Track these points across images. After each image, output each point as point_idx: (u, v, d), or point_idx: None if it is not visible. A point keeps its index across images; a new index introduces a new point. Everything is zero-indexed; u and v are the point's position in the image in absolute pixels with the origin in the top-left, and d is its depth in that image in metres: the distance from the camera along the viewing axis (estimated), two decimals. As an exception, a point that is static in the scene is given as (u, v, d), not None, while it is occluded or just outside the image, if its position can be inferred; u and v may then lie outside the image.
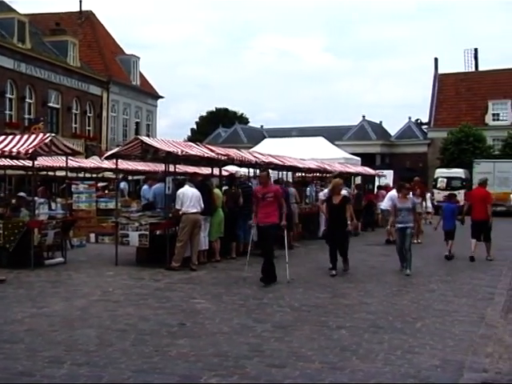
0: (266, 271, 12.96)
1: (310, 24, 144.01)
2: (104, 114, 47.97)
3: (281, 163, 21.67)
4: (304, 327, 9.12)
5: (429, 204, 33.17)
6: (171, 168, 16.68)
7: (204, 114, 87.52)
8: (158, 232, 15.44)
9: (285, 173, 24.50)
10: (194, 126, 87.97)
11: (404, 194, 15.35)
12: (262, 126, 71.46)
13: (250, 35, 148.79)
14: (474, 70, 62.47)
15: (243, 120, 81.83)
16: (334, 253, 14.51)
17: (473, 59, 63.07)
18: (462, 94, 57.77)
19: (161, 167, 20.52)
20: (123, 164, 24.26)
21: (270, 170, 22.86)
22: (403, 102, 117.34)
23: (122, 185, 27.36)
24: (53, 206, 19.82)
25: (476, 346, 8.17)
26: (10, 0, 43.09)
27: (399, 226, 14.90)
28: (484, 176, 23.34)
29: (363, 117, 60.15)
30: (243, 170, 23.05)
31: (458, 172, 44.81)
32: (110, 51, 52.01)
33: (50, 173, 27.14)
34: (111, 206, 21.84)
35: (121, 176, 27.24)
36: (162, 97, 57.85)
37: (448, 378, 6.81)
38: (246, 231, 17.04)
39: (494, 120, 54.80)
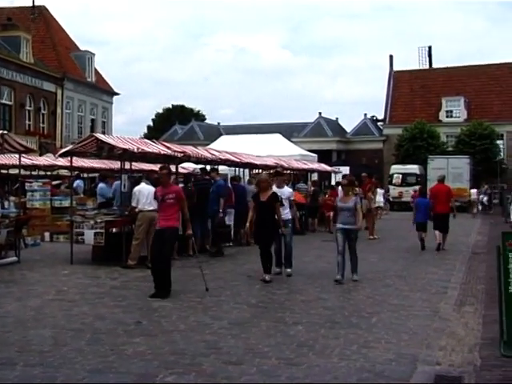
0: (158, 281, 11.32)
1: (267, 21, 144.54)
2: (58, 110, 47.33)
3: (237, 160, 21.66)
4: (261, 324, 9.14)
5: (381, 199, 33.82)
6: (127, 165, 16.54)
7: (160, 110, 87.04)
8: (113, 230, 15.30)
9: (241, 170, 24.53)
10: (151, 123, 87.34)
11: (346, 192, 13.90)
12: (218, 123, 71.32)
13: (207, 32, 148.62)
14: (427, 67, 63.30)
15: (200, 117, 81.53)
16: (264, 255, 13.17)
17: (427, 57, 63.98)
18: (416, 91, 58.48)
19: (116, 165, 20.33)
20: (78, 162, 23.93)
21: (227, 167, 23.04)
22: (359, 99, 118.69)
23: (78, 183, 27.00)
24: (6, 204, 19.46)
25: (430, 340, 8.29)
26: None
27: (340, 226, 13.20)
28: (442, 173, 24.33)
29: (319, 114, 60.50)
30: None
31: (413, 168, 45.39)
32: (64, 47, 51.28)
33: (3, 171, 26.65)
34: (66, 204, 21.50)
35: (76, 174, 26.89)
36: (117, 93, 57.34)
37: (402, 372, 6.90)
38: (202, 229, 17.03)
39: (447, 117, 55.63)
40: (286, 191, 14.33)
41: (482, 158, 48.53)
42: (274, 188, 13.78)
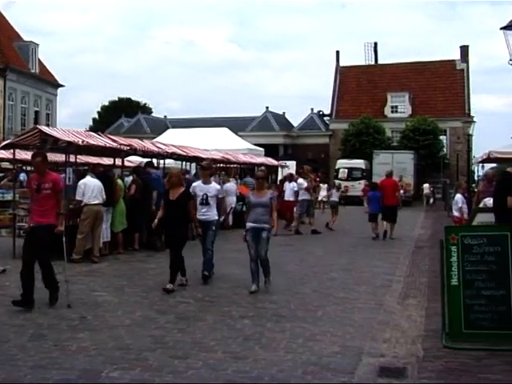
0: (26, 289, 9.61)
1: (214, 15, 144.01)
2: (0, 102, 46.34)
3: (184, 154, 21.55)
4: (207, 318, 9.12)
5: (324, 193, 34.26)
6: (72, 158, 16.29)
7: (106, 103, 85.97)
8: (58, 224, 15.02)
9: (188, 163, 24.41)
10: (96, 116, 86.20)
11: (260, 186, 11.75)
12: (165, 117, 70.84)
13: (155, 24, 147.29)
14: (373, 63, 64.02)
15: (146, 110, 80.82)
16: (173, 260, 11.41)
17: (373, 53, 64.65)
18: (362, 86, 59.12)
19: (61, 158, 20.01)
20: (21, 154, 23.44)
21: (173, 161, 22.88)
22: (306, 94, 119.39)
23: (21, 176, 26.46)
24: None
25: (374, 332, 8.40)
26: None
27: (250, 225, 11.42)
28: (387, 168, 25.09)
29: (266, 108, 60.64)
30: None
31: (359, 163, 45.92)
32: (6, 37, 50.17)
33: None
34: (9, 197, 21.06)
35: (19, 167, 26.36)
36: (62, 85, 56.43)
37: (347, 364, 6.97)
38: (148, 222, 16.89)
39: (392, 112, 56.41)
40: (213, 188, 12.41)
41: (426, 154, 49.41)
42: (200, 184, 12.37)
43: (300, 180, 23.02)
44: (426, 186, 41.45)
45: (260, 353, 7.38)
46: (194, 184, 12.66)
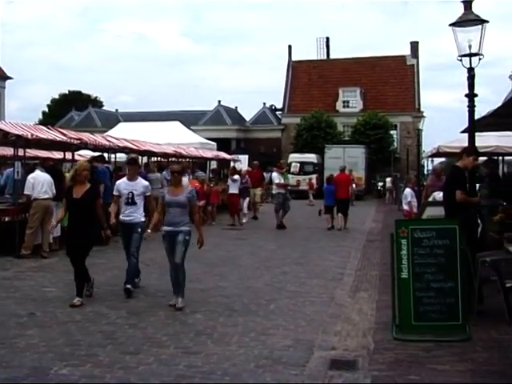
0: None
1: (166, 8, 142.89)
2: None
3: (136, 147, 21.36)
4: (159, 313, 9.08)
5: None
6: (21, 152, 15.99)
7: (56, 96, 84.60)
8: (6, 219, 14.76)
9: (140, 157, 24.19)
10: (46, 109, 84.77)
11: (176, 181, 9.93)
12: (116, 110, 70.09)
13: (106, 17, 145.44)
14: (325, 57, 64.37)
15: (97, 103, 79.78)
16: (77, 271, 9.82)
17: (325, 47, 65.02)
18: (314, 81, 59.38)
19: (10, 151, 19.64)
20: (-32, 148, 22.97)
21: (125, 155, 22.64)
22: (258, 88, 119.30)
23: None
24: None
25: (326, 325, 8.47)
26: None
27: (166, 229, 9.77)
28: (338, 162, 25.67)
29: (219, 102, 60.49)
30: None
31: (311, 157, 46.11)
32: (-48, 28, 49.02)
33: None
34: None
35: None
36: (10, 78, 55.35)
37: (299, 357, 7.02)
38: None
39: (344, 107, 56.81)
40: (140, 185, 10.75)
41: (377, 148, 49.93)
42: (125, 181, 10.79)
43: (274, 174, 23.02)
44: (388, 179, 41.83)
45: (212, 347, 7.37)
46: (118, 182, 11.04)
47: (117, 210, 10.77)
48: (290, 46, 62.72)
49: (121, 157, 22.75)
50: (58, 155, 22.79)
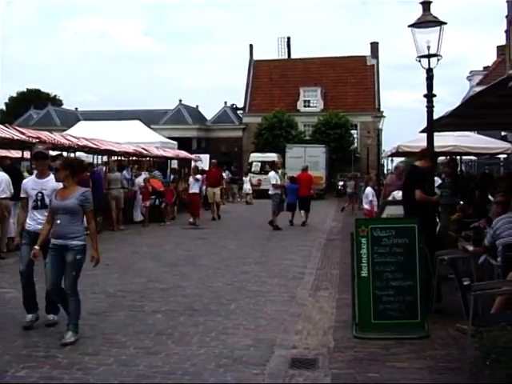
0: None
1: (129, 7, 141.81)
2: None
3: (96, 146, 21.15)
4: (119, 313, 9.01)
5: (248, 186, 34.95)
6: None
7: (14, 94, 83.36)
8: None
9: (100, 157, 24.01)
10: (3, 107, 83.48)
11: (61, 177, 7.88)
12: (76, 109, 69.29)
13: (67, 15, 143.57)
14: (286, 57, 64.54)
15: (57, 102, 78.84)
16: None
17: (286, 47, 65.19)
18: (275, 80, 59.46)
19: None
20: None
21: (84, 154, 22.45)
22: (220, 87, 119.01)
23: None
24: None
25: (286, 324, 8.49)
26: None
27: (53, 242, 7.75)
28: (299, 161, 26.36)
29: (180, 101, 60.21)
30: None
31: (272, 156, 46.07)
32: None
33: None
34: None
35: None
36: (-34, 75, 54.36)
37: (260, 356, 7.02)
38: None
39: (305, 106, 56.98)
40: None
41: (337, 147, 50.21)
42: (33, 178, 8.74)
43: (271, 173, 22.93)
44: (350, 184, 41.98)
45: (172, 347, 7.34)
46: (24, 180, 9.11)
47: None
48: (251, 46, 62.73)
49: (80, 156, 22.52)
50: (16, 154, 22.51)
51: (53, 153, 20.37)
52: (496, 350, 5.09)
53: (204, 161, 36.15)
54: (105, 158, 25.39)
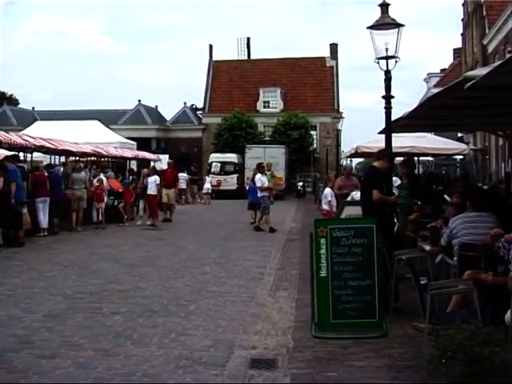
0: None
1: (87, 5, 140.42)
2: None
3: (53, 147, 20.88)
4: (77, 315, 8.90)
5: (208, 186, 35.01)
6: None
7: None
8: None
9: (57, 157, 23.73)
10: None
11: None
12: (33, 108, 68.34)
13: (23, 13, 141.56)
14: (246, 58, 64.58)
15: (13, 101, 77.60)
16: None
17: (245, 48, 65.20)
18: (235, 81, 59.45)
19: None
20: None
21: (41, 154, 22.18)
22: (179, 88, 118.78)
23: None
24: None
25: (246, 325, 8.49)
26: None
27: None
28: (260, 162, 26.48)
29: (139, 101, 59.81)
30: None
31: (231, 157, 46.21)
32: None
33: None
34: None
35: None
36: None
37: (219, 357, 7.01)
38: (13, 215, 16.26)
39: (264, 107, 57.09)
40: None
41: (297, 148, 50.42)
42: None
43: (258, 176, 22.02)
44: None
45: (131, 349, 7.28)
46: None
47: None
48: (210, 46, 62.61)
49: (37, 156, 22.27)
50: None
51: (8, 152, 20.17)
52: (452, 348, 5.16)
53: (163, 161, 35.99)
54: (63, 159, 25.13)
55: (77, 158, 25.30)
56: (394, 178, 13.81)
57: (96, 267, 13.21)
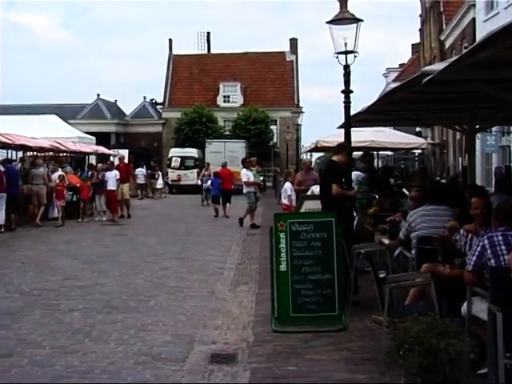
0: None
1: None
2: None
3: (10, 142, 20.53)
4: (34, 312, 8.80)
5: (160, 181, 34.94)
6: None
7: None
8: None
9: (14, 152, 23.37)
10: None
11: None
12: (-11, 102, 67.23)
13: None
14: (206, 52, 64.33)
15: (-32, 95, 76.29)
16: None
17: (205, 42, 64.95)
18: (195, 75, 59.16)
19: None
20: None
21: (-2, 149, 21.80)
22: (139, 82, 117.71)
23: None
24: None
25: (206, 320, 8.48)
26: None
27: None
28: (219, 156, 27.31)
29: (98, 95, 59.20)
30: None
31: (192, 151, 45.97)
32: None
33: None
34: None
35: None
36: None
37: (179, 352, 7.00)
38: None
39: (224, 102, 56.95)
40: None
41: (257, 142, 50.41)
42: None
43: (243, 171, 21.98)
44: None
45: (90, 346, 7.22)
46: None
47: None
48: (170, 40, 62.19)
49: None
50: None
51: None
52: (409, 340, 5.20)
53: (126, 157, 35.77)
54: (20, 154, 24.75)
55: (34, 153, 24.96)
56: (356, 173, 13.88)
57: (54, 263, 13.05)
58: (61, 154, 27.45)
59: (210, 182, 29.17)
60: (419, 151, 31.95)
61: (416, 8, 39.32)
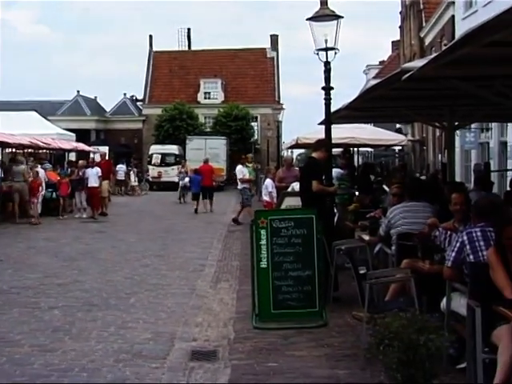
0: None
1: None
2: None
3: (-12, 138, 20.39)
4: (13, 310, 8.74)
5: (132, 178, 35.01)
6: None
7: None
8: None
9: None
10: None
11: None
12: (-35, 99, 66.59)
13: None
14: (187, 48, 64.15)
15: None
16: None
17: (186, 38, 64.78)
18: (175, 72, 58.97)
19: None
20: None
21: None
22: (119, 78, 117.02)
23: None
24: None
25: (187, 317, 8.47)
26: None
27: None
28: (200, 153, 27.66)
29: (78, 92, 58.84)
30: None
31: (172, 148, 45.85)
32: None
33: None
34: None
35: None
36: None
37: (160, 350, 6.99)
38: None
39: (205, 98, 56.82)
40: None
41: (238, 139, 50.39)
42: None
43: (238, 167, 21.93)
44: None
45: (70, 344, 7.19)
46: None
47: None
48: (150, 36, 61.91)
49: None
50: None
51: None
52: (389, 336, 5.22)
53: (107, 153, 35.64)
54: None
55: (13, 150, 24.76)
56: (337, 170, 13.90)
57: (33, 261, 12.97)
58: (40, 151, 27.28)
59: (187, 179, 29.35)
60: (399, 148, 32.03)
61: (396, 5, 39.45)
